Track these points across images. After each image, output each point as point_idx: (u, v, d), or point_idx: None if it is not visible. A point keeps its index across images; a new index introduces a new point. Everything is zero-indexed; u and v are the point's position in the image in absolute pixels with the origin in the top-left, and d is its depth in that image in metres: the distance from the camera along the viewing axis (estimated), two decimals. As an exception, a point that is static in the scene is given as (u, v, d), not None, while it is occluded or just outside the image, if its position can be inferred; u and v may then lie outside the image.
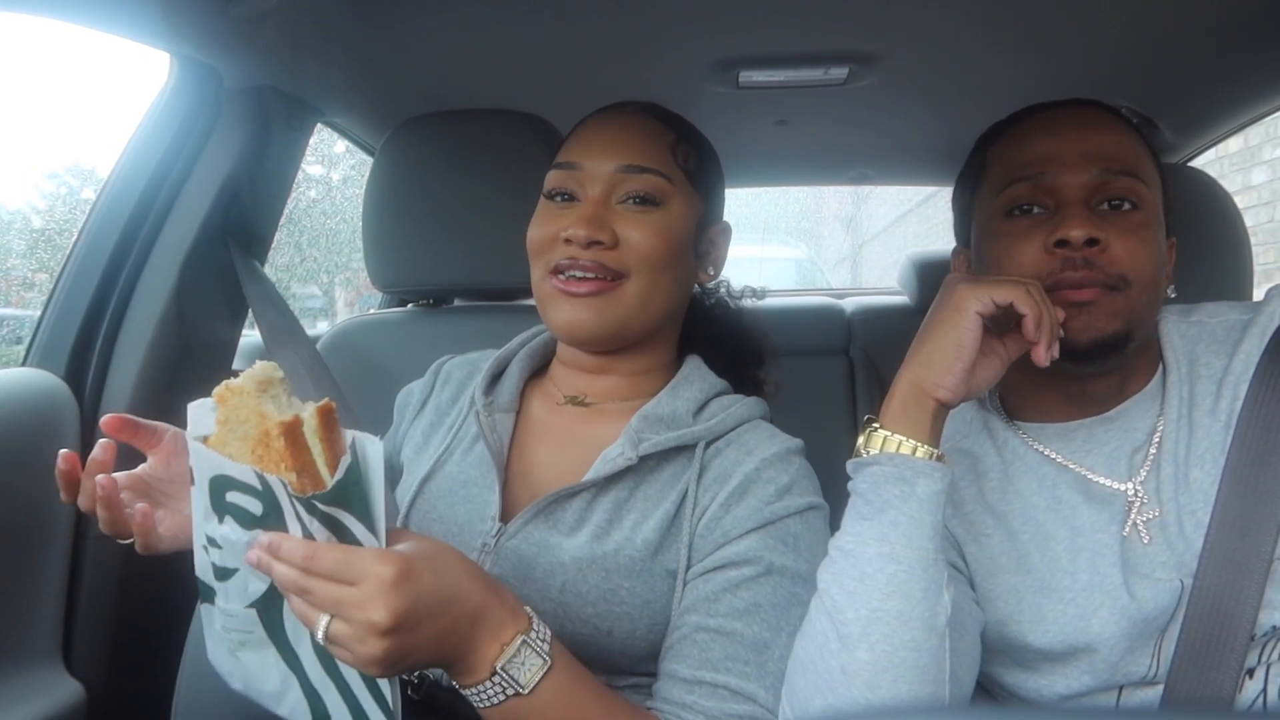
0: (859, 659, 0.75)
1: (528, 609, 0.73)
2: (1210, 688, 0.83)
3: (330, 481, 0.65)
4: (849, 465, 0.82)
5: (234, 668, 0.77)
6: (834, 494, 0.90)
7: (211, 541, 0.72)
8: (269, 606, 0.72)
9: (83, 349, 1.33)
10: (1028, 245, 0.89)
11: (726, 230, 1.02)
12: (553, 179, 0.95)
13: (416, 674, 0.85)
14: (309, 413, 0.67)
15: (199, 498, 0.70)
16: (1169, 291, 0.95)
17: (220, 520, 0.70)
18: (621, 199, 0.91)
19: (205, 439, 0.69)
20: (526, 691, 0.70)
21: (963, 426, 1.01)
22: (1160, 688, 0.87)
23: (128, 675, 1.33)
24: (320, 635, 0.65)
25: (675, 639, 0.83)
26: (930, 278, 2.28)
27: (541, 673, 0.70)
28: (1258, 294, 1.11)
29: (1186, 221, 1.09)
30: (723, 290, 1.09)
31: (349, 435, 0.67)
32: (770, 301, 1.17)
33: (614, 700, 0.77)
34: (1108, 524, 0.90)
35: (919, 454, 0.79)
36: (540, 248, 0.93)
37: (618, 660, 0.86)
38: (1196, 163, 1.94)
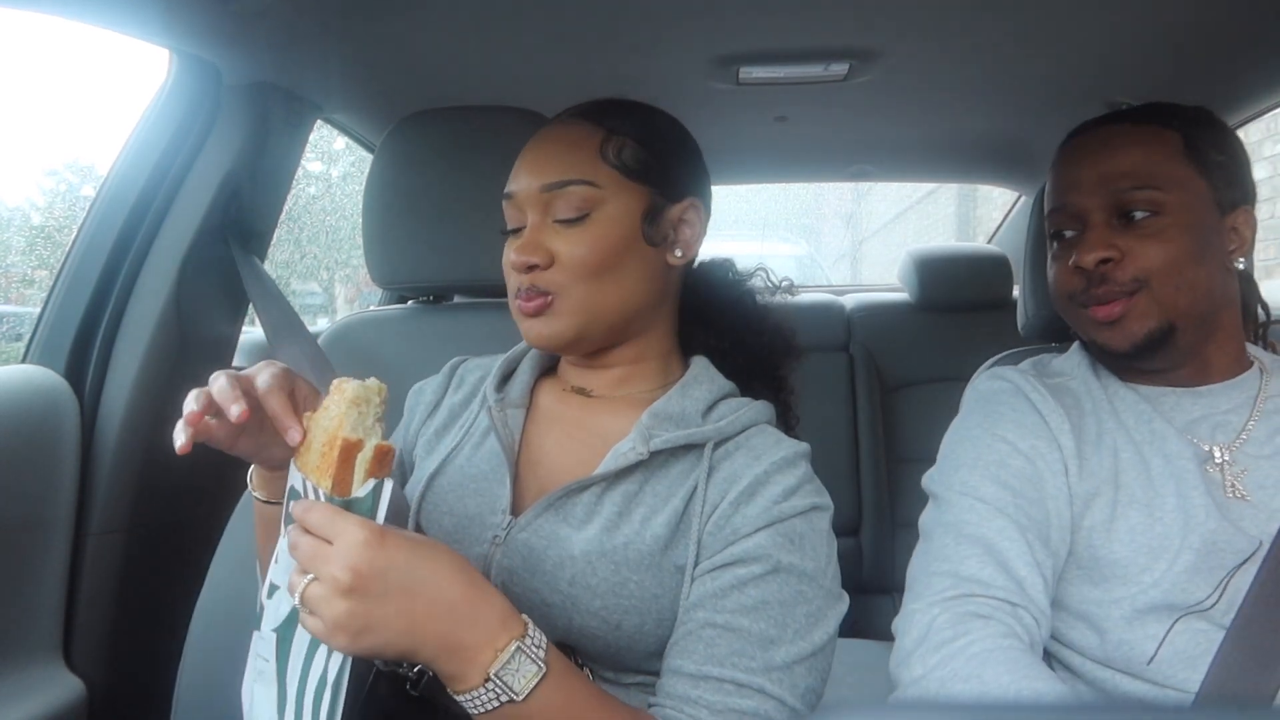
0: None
1: (524, 616, 0.73)
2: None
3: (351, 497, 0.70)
4: None
5: (248, 702, 0.79)
6: (833, 489, 0.91)
7: (276, 559, 0.76)
8: (285, 634, 0.74)
9: (83, 346, 1.33)
10: (1061, 267, 1.02)
11: (696, 206, 0.98)
12: (504, 212, 0.97)
13: (415, 669, 0.86)
14: (371, 443, 0.71)
15: (284, 518, 0.74)
16: (1237, 264, 1.00)
17: (285, 533, 0.74)
18: (555, 218, 0.92)
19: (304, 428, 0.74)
20: (520, 699, 0.70)
21: (1072, 369, 1.09)
22: (1211, 622, 0.90)
23: (128, 671, 1.34)
24: (296, 597, 0.68)
25: (680, 634, 0.84)
26: (931, 274, 2.28)
27: (536, 680, 0.70)
28: (1262, 290, 1.11)
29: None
30: (757, 280, 1.08)
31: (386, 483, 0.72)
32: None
33: (613, 707, 0.77)
34: (1193, 457, 0.96)
35: None
36: (506, 277, 0.96)
37: (624, 656, 0.86)
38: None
